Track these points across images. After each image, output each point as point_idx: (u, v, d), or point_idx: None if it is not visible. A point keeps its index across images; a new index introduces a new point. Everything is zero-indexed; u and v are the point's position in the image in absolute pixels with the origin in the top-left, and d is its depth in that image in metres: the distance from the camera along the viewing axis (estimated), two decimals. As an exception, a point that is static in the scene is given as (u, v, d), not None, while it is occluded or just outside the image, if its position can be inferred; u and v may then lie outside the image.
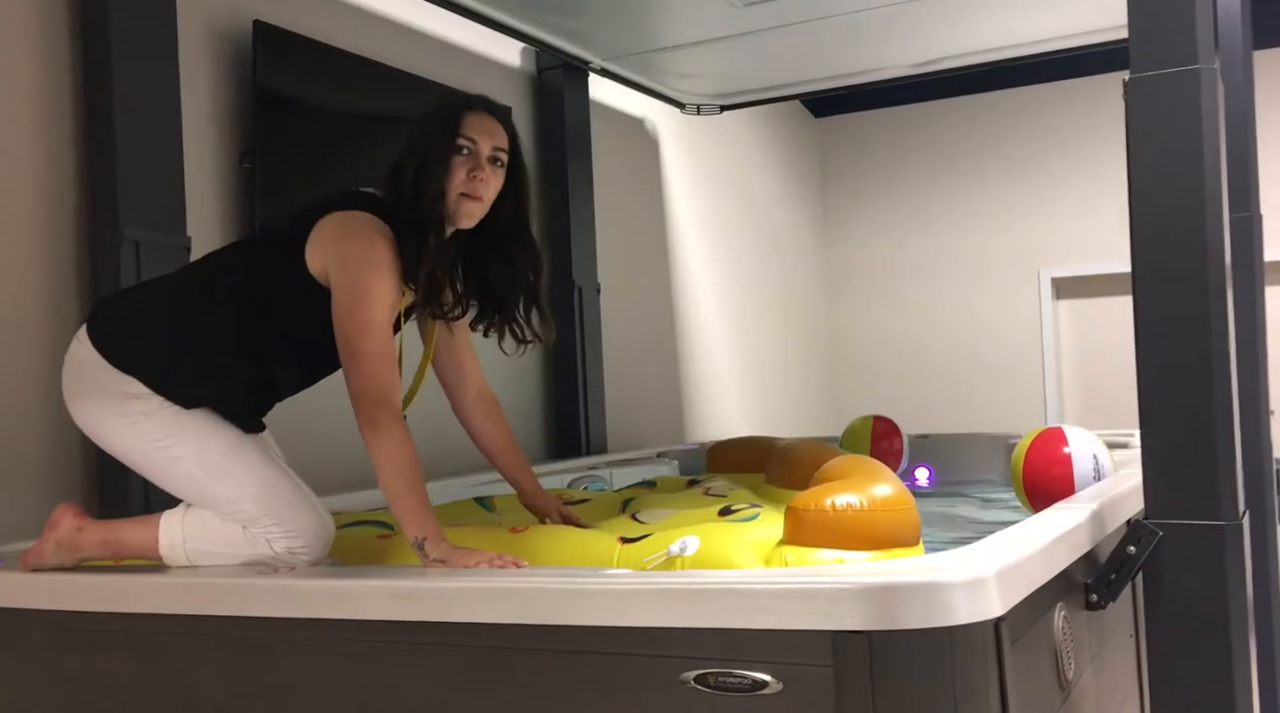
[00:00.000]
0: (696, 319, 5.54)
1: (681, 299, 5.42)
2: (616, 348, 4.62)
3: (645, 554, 1.81)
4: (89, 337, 1.91)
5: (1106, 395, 6.80)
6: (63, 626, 1.85)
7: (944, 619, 1.25)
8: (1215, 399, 1.69)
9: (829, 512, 1.72)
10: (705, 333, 5.62)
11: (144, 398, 1.86)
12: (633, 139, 5.10)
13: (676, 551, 1.75)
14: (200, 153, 2.95)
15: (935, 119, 7.11)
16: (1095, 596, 1.77)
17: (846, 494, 1.75)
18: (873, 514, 1.72)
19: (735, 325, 5.98)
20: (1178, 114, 1.74)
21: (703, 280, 5.63)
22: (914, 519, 1.79)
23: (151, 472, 1.95)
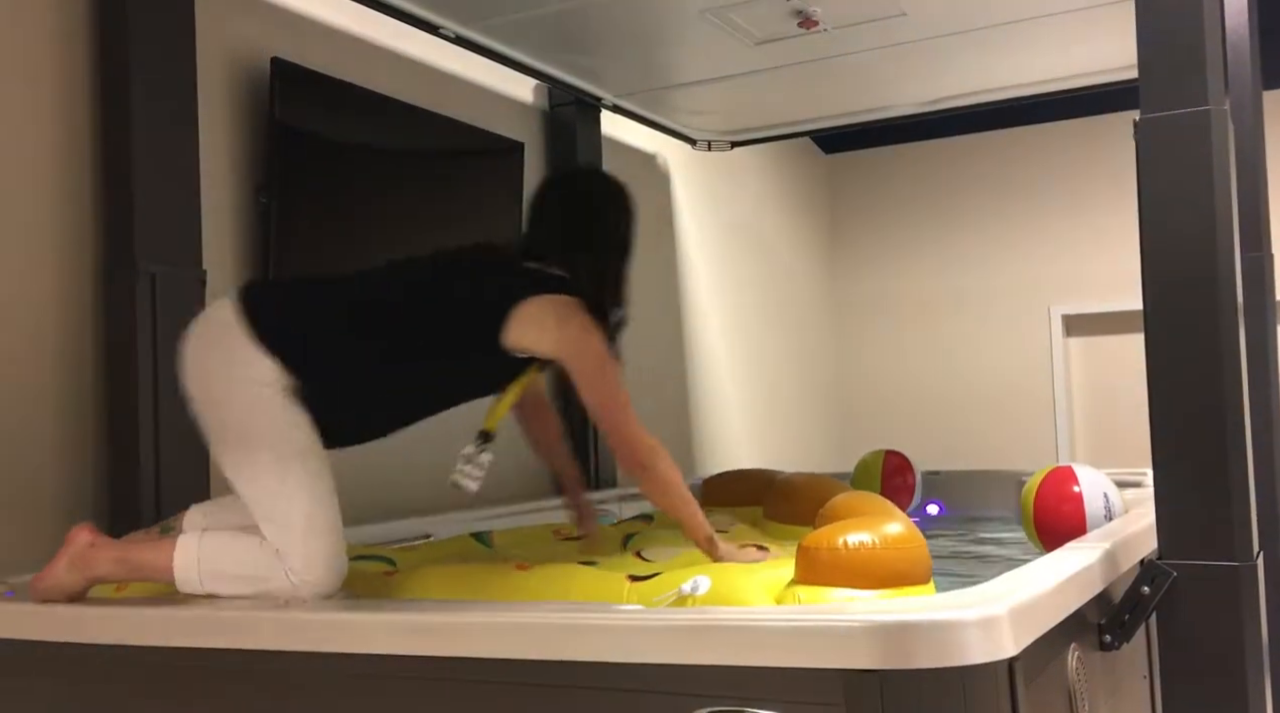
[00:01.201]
0: (705, 353, 5.55)
1: (690, 333, 5.43)
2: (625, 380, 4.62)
3: (656, 593, 1.81)
4: (243, 308, 1.99)
5: (1117, 433, 6.77)
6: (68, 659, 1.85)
7: (957, 659, 1.24)
8: (1228, 439, 1.69)
9: (841, 551, 1.73)
10: (714, 367, 5.63)
11: (269, 381, 1.95)
12: (644, 174, 5.13)
13: (688, 590, 1.76)
14: (217, 187, 2.98)
15: (945, 157, 7.15)
16: (1109, 636, 1.76)
17: (858, 533, 1.76)
18: (885, 553, 1.73)
19: (743, 360, 5.99)
20: (1188, 154, 1.75)
21: (712, 315, 5.64)
22: (925, 557, 1.79)
23: (238, 434, 2.00)
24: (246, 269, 3.06)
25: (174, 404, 2.67)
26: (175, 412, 2.67)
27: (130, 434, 2.62)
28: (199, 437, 2.72)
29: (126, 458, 2.64)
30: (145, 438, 2.63)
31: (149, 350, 2.64)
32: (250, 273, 3.06)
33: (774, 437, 6.20)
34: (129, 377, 2.63)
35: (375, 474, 3.46)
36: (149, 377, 2.63)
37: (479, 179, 3.91)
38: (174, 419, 2.67)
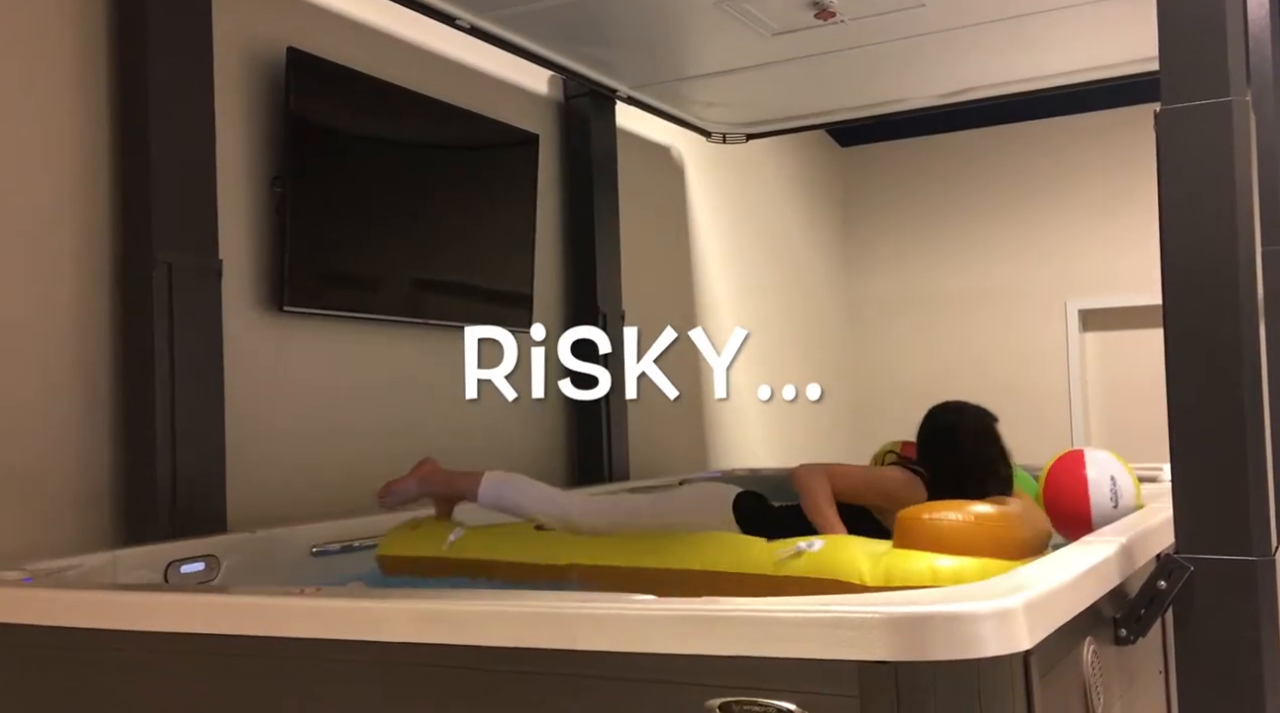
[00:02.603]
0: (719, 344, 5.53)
1: (704, 326, 5.42)
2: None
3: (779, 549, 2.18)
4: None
5: (1134, 428, 6.72)
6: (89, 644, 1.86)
7: (972, 651, 1.24)
8: (1247, 434, 1.68)
9: (929, 521, 2.07)
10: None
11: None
12: (658, 167, 5.12)
13: (804, 547, 2.14)
14: (233, 177, 2.99)
15: (961, 150, 7.11)
16: (1125, 630, 1.75)
17: (949, 510, 2.10)
18: (968, 526, 2.05)
19: (758, 353, 5.98)
20: (1209, 146, 1.73)
21: (726, 307, 5.63)
22: (1013, 535, 2.07)
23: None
24: (262, 259, 3.07)
25: (190, 392, 2.69)
26: (192, 400, 2.69)
27: (147, 423, 2.64)
28: (215, 425, 2.76)
29: (143, 447, 2.65)
30: (162, 426, 2.64)
31: (165, 338, 2.65)
32: (265, 263, 3.07)
33: (788, 431, 6.19)
34: (145, 365, 2.64)
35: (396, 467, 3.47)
36: (165, 364, 2.64)
37: (494, 170, 3.91)
38: (191, 407, 2.69)
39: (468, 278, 3.77)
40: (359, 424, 3.38)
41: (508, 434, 3.99)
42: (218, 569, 2.53)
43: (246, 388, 2.98)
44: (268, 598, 1.72)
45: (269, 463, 3.06)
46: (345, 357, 3.34)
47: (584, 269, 4.37)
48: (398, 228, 3.45)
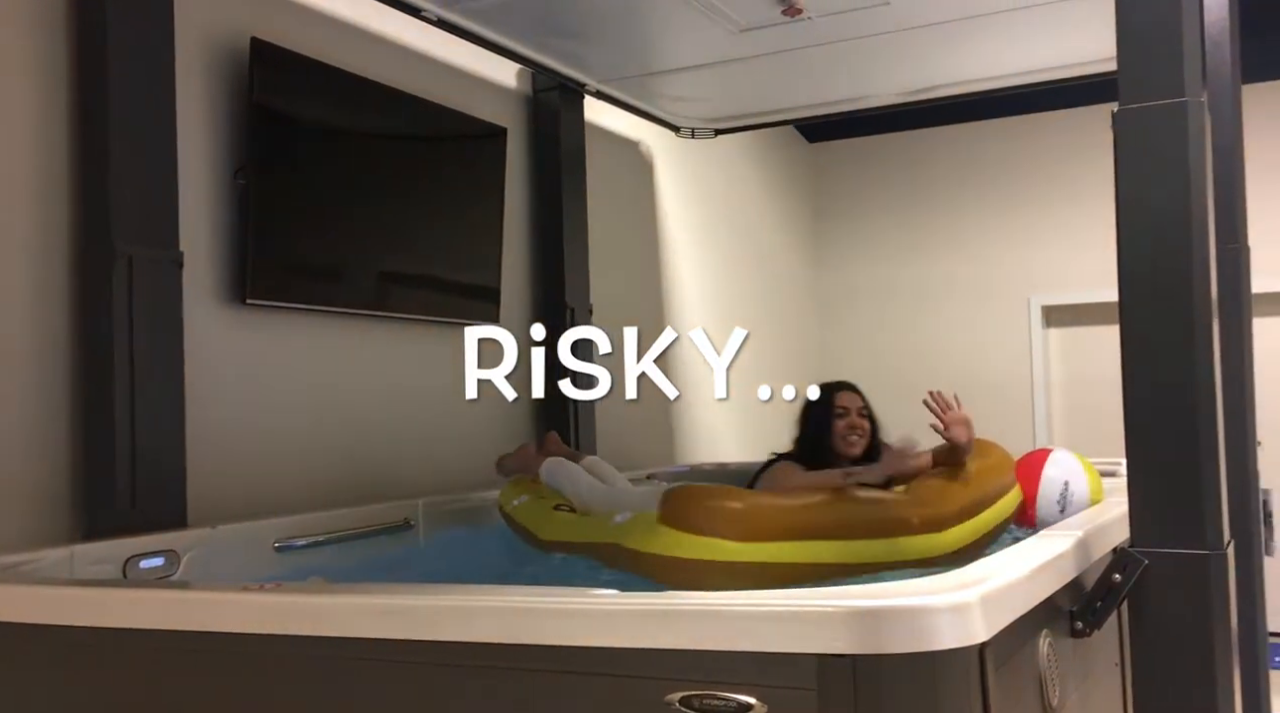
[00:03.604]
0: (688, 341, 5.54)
1: (673, 321, 5.42)
2: (607, 369, 4.62)
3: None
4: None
5: (1095, 423, 6.80)
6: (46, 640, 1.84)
7: (928, 644, 1.25)
8: (1200, 429, 1.70)
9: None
10: (696, 356, 5.62)
11: None
12: (627, 161, 5.12)
13: (618, 519, 2.61)
14: (195, 168, 2.96)
15: (929, 146, 7.16)
16: (1080, 623, 1.77)
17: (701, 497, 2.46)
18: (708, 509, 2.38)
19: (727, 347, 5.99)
20: (1165, 146, 1.75)
21: (694, 302, 5.64)
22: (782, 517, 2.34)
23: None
24: (224, 250, 3.04)
25: (150, 386, 2.66)
26: (152, 393, 2.67)
27: (106, 416, 2.61)
28: (176, 419, 2.73)
29: (102, 441, 2.62)
30: (121, 420, 2.61)
31: (125, 332, 2.62)
32: (227, 255, 3.05)
33: (754, 424, 6.21)
34: (105, 358, 2.61)
35: (360, 462, 3.46)
36: (125, 358, 2.61)
37: (461, 164, 3.89)
38: (151, 401, 2.66)
39: (434, 272, 3.76)
40: (323, 419, 3.36)
41: (474, 428, 3.98)
42: (177, 564, 2.51)
43: (208, 382, 2.95)
44: (225, 594, 1.71)
45: (231, 458, 3.03)
46: (309, 350, 3.32)
47: (552, 264, 4.36)
48: (363, 221, 3.43)
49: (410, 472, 3.64)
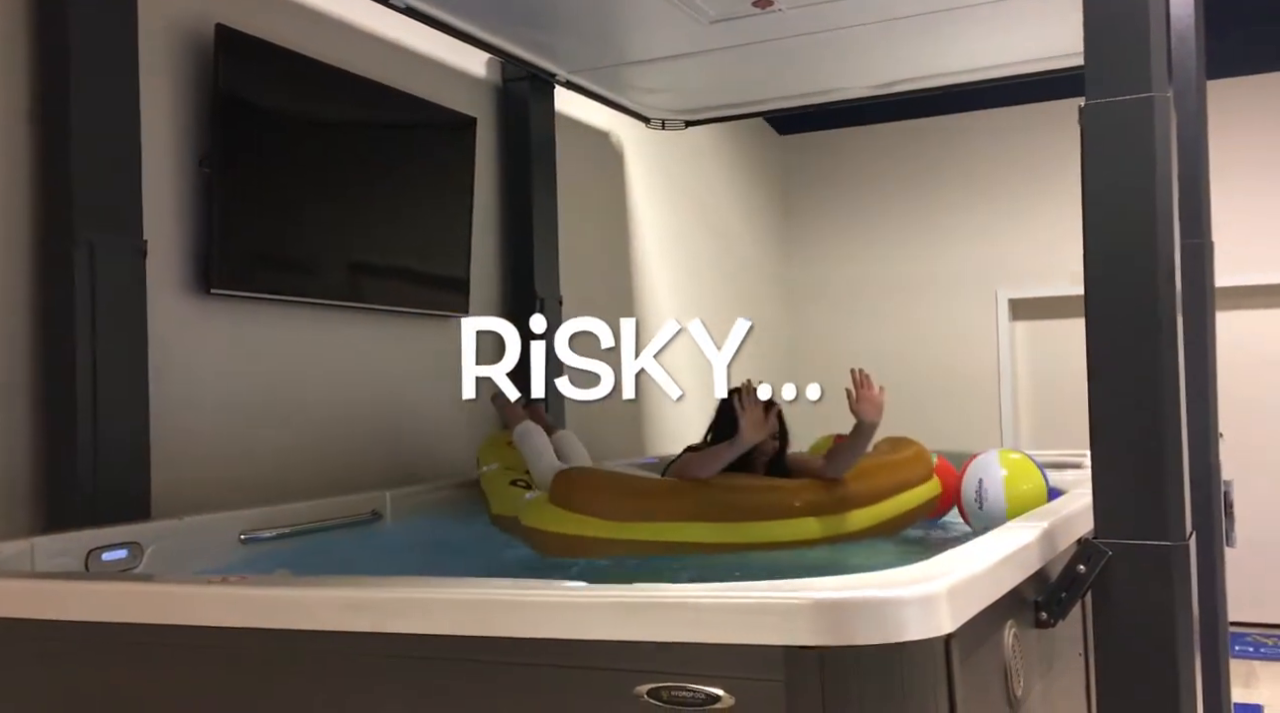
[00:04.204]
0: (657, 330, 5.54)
1: (642, 312, 5.42)
2: (577, 360, 4.61)
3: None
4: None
5: (1061, 415, 6.88)
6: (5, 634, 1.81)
7: (895, 635, 1.26)
8: (1164, 422, 1.72)
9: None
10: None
11: None
12: (597, 152, 5.11)
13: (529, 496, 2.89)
14: (158, 156, 2.92)
15: (898, 140, 7.19)
16: (1045, 614, 1.79)
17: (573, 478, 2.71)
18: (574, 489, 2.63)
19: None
20: (1131, 141, 1.77)
21: (664, 294, 5.64)
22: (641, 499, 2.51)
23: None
24: (188, 239, 3.00)
25: (113, 376, 2.63)
26: (115, 383, 2.63)
27: (67, 406, 2.57)
28: (139, 409, 2.70)
29: (64, 431, 2.58)
30: (83, 410, 2.57)
31: (87, 321, 2.58)
32: (191, 244, 3.01)
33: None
34: (66, 347, 2.57)
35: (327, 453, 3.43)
36: (87, 347, 2.57)
37: (430, 154, 3.86)
38: (113, 391, 2.62)
39: (402, 262, 3.73)
40: (289, 410, 3.33)
41: (443, 419, 3.96)
42: (141, 557, 2.48)
43: (173, 372, 2.92)
44: (189, 587, 1.69)
45: (196, 449, 3.00)
46: (275, 340, 3.29)
47: (521, 254, 4.34)
48: (330, 210, 3.40)
49: (378, 463, 3.62)
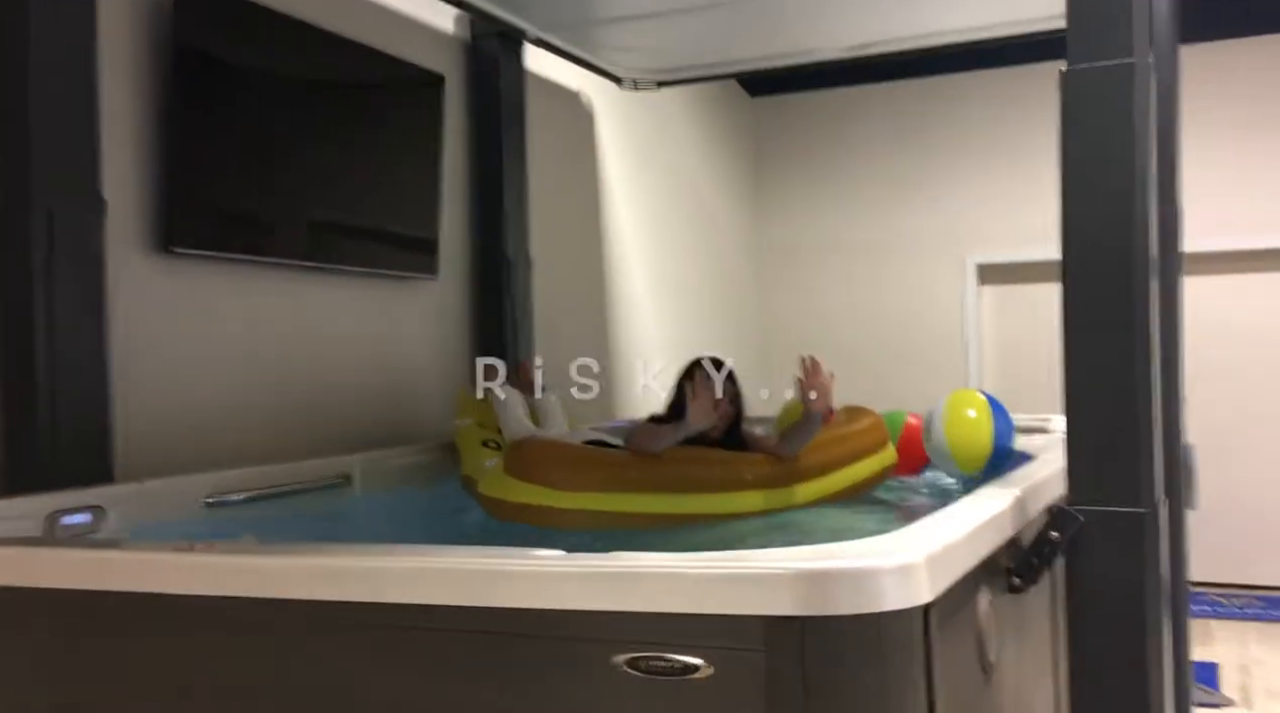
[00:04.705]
0: (628, 296, 5.53)
1: (613, 275, 5.39)
2: (547, 323, 4.59)
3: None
4: None
5: (1027, 380, 6.93)
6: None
7: (875, 605, 1.25)
8: (1138, 391, 1.73)
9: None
10: (636, 310, 5.61)
11: None
12: (567, 112, 5.04)
13: (488, 464, 3.02)
14: (117, 111, 2.84)
15: (869, 103, 7.17)
16: (1018, 579, 1.80)
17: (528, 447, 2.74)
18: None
19: (666, 303, 5.98)
20: (1112, 107, 1.76)
21: (635, 257, 5.61)
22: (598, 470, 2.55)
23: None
24: (150, 200, 2.93)
25: (72, 336, 2.57)
26: (74, 343, 2.57)
27: (26, 366, 2.51)
28: (100, 370, 2.64)
29: (22, 394, 2.52)
30: (42, 371, 2.52)
31: (44, 280, 2.52)
32: (151, 202, 2.94)
33: (692, 379, 6.21)
34: (23, 307, 2.51)
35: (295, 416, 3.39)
36: (44, 307, 2.51)
37: (397, 111, 3.79)
38: (73, 351, 2.57)
39: (370, 222, 3.67)
40: (256, 372, 3.28)
41: (412, 382, 3.93)
42: (104, 520, 2.44)
43: (134, 333, 2.86)
44: (156, 554, 1.66)
45: (159, 411, 2.95)
46: (239, 301, 3.23)
47: (491, 216, 4.29)
48: (294, 168, 3.33)
49: (349, 426, 3.59)
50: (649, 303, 5.75)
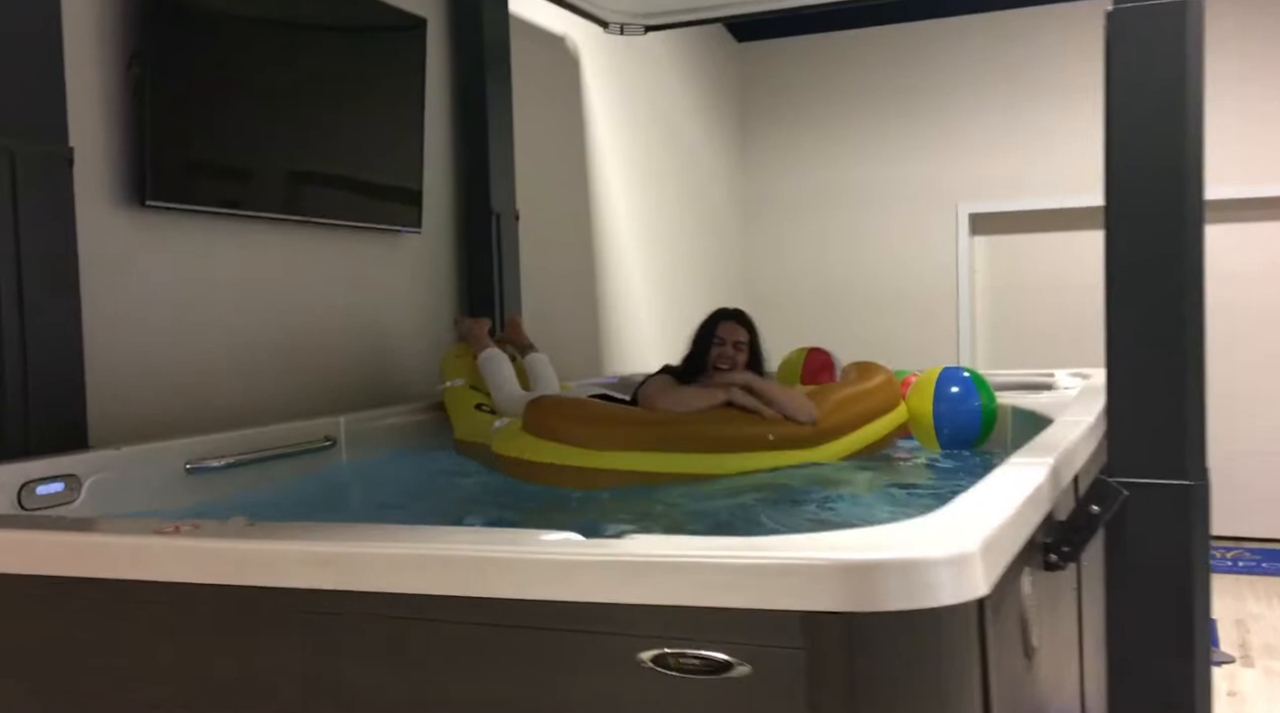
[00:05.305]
0: (614, 247, 5.38)
1: (599, 227, 5.24)
2: (533, 277, 4.45)
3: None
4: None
5: (1018, 331, 6.86)
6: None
7: (929, 600, 1.13)
8: (1189, 354, 1.62)
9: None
10: (622, 260, 5.47)
11: None
12: (553, 58, 4.86)
13: (498, 425, 2.89)
14: (83, 54, 2.66)
15: (857, 49, 6.99)
16: (1054, 556, 1.70)
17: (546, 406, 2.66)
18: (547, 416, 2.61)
19: (653, 253, 5.84)
20: (1161, 47, 1.63)
21: (620, 206, 5.46)
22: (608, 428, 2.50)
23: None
24: (118, 145, 2.76)
25: (42, 295, 2.42)
26: (44, 303, 2.43)
27: (-11, 332, 2.36)
28: (72, 331, 2.50)
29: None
30: (10, 332, 2.37)
31: (10, 236, 2.36)
32: (123, 152, 2.77)
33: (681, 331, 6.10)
34: (-14, 266, 2.35)
35: (276, 376, 3.26)
36: (11, 265, 2.36)
37: (378, 56, 3.61)
38: (43, 312, 2.43)
39: (352, 172, 3.50)
40: (235, 330, 3.13)
41: (397, 340, 3.79)
42: (79, 490, 2.31)
43: (107, 290, 2.71)
44: (137, 538, 1.52)
45: (135, 373, 2.81)
46: (217, 256, 3.07)
47: (476, 165, 4.12)
48: (274, 116, 3.15)
49: (331, 386, 3.46)
50: (635, 253, 5.61)
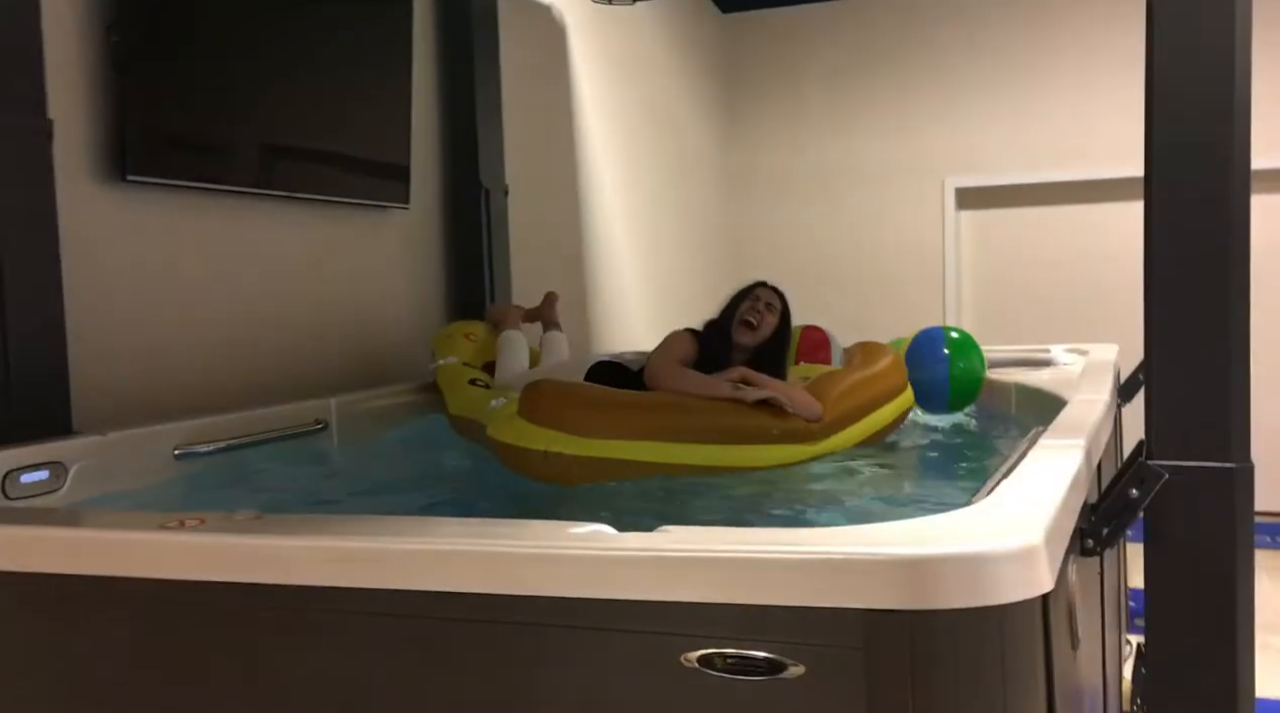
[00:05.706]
0: (599, 219, 5.29)
1: (586, 200, 5.15)
2: (521, 253, 4.36)
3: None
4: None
5: (1005, 306, 6.84)
6: None
7: (995, 597, 1.07)
8: (1233, 328, 1.56)
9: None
10: (609, 236, 5.39)
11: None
12: (538, 27, 4.75)
13: (495, 404, 2.76)
14: (62, 23, 2.55)
15: (843, 21, 6.91)
16: (1091, 541, 1.64)
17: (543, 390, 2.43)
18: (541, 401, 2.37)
19: (638, 227, 5.76)
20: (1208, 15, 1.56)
21: (608, 178, 5.37)
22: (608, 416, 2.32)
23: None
24: (99, 118, 2.65)
25: (20, 274, 2.33)
26: (23, 283, 2.33)
27: (-32, 313, 2.26)
28: (53, 312, 2.40)
29: (-34, 341, 2.27)
30: (-12, 319, 2.27)
31: (-13, 212, 2.26)
32: (104, 125, 2.66)
33: (668, 308, 6.03)
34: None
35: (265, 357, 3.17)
36: (-11, 245, 2.26)
37: (364, 26, 3.50)
38: (22, 291, 2.33)
39: (338, 147, 3.40)
40: (222, 310, 3.04)
41: (387, 320, 3.70)
42: (65, 477, 2.22)
43: (89, 269, 2.60)
44: (140, 533, 1.44)
45: (120, 355, 2.71)
46: (203, 233, 2.97)
47: (465, 139, 4.02)
48: (258, 88, 3.04)
49: (321, 367, 3.37)
50: (621, 228, 5.52)
